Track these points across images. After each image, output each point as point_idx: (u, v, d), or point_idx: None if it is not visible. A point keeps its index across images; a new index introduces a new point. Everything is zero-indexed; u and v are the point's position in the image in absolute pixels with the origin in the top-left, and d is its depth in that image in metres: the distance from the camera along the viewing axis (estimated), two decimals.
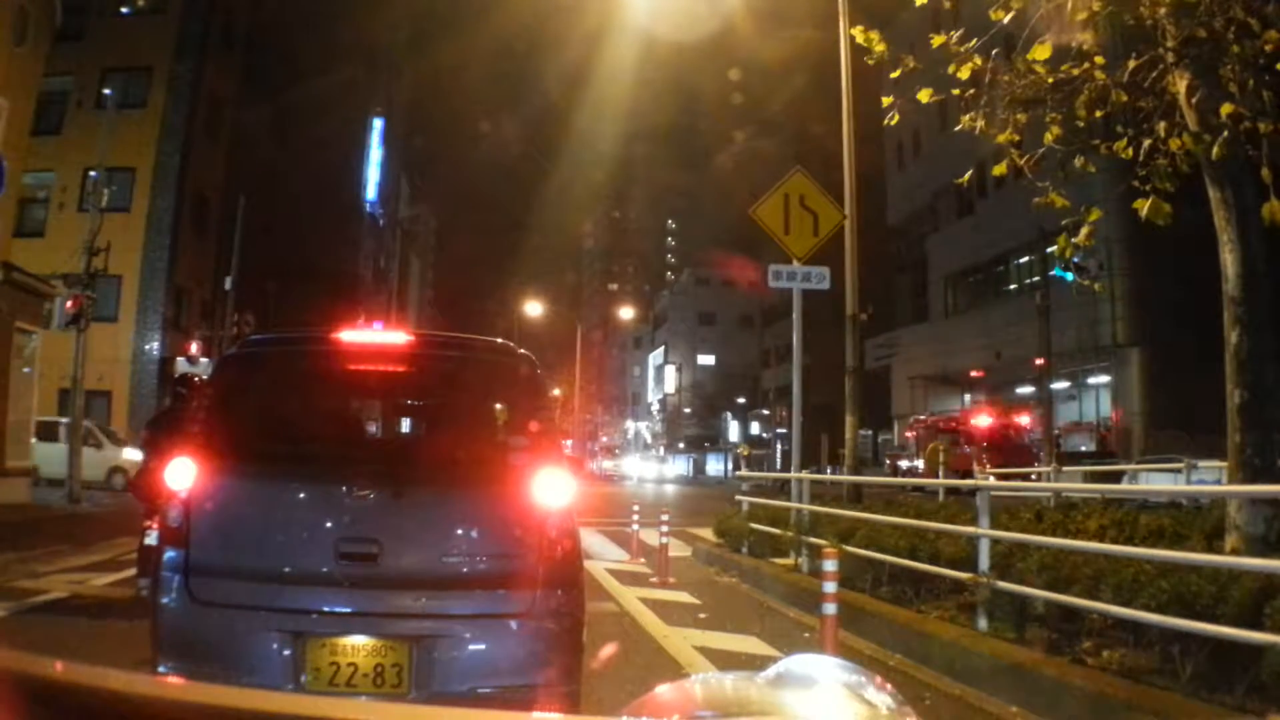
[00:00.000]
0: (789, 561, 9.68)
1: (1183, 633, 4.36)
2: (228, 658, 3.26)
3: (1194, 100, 5.76)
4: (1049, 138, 6.37)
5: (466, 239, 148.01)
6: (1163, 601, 4.49)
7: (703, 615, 7.79)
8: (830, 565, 5.74)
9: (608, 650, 5.96)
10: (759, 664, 1.93)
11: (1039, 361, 28.09)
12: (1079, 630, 5.23)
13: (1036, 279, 30.01)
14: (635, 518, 12.35)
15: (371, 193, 55.68)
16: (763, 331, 72.01)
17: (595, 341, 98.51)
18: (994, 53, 6.26)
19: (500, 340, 4.27)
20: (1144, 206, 5.74)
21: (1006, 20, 6.10)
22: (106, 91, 23.75)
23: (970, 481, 9.40)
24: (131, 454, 19.70)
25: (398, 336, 4.20)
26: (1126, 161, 6.20)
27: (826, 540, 7.77)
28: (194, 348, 27.22)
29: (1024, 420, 30.73)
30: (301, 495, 3.57)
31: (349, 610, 3.34)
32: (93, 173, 21.56)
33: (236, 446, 3.65)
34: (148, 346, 29.51)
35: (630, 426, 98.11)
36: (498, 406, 4.09)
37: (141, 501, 7.33)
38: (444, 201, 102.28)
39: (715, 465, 65.73)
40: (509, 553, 3.50)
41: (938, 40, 6.35)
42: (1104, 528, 6.38)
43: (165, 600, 3.40)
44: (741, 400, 71.18)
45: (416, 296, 78.11)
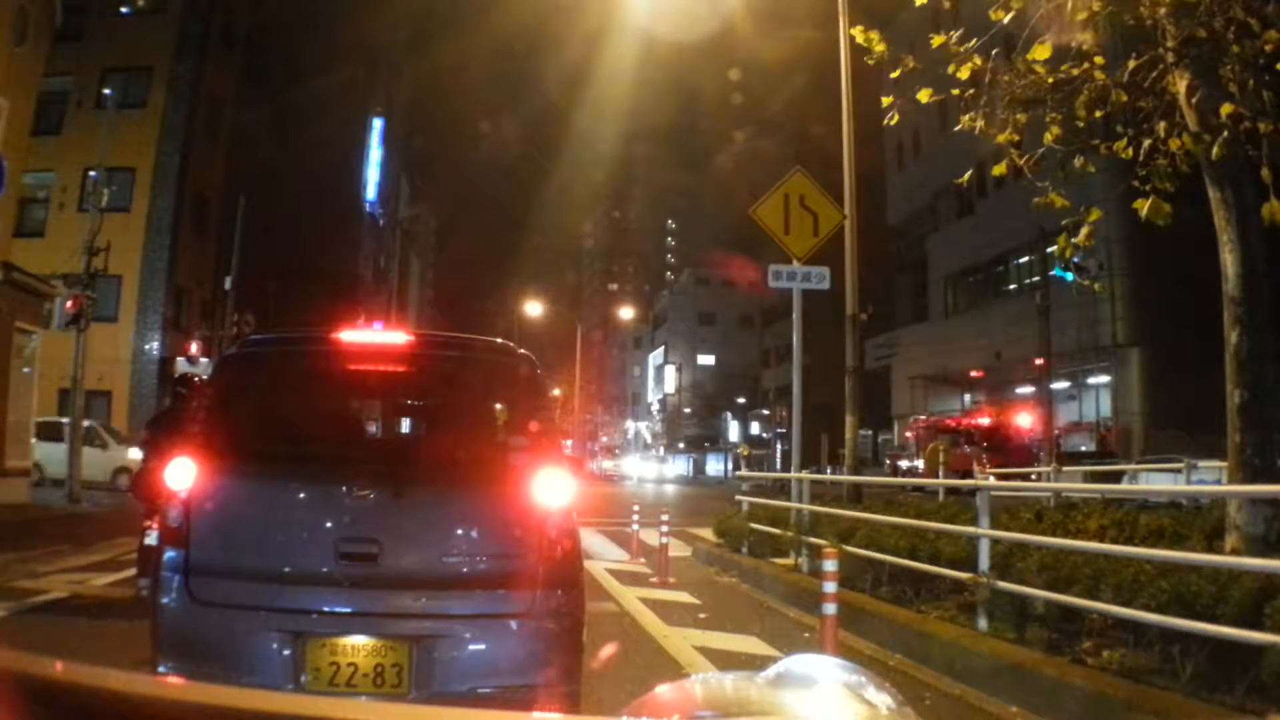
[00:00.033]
0: (789, 561, 9.68)
1: (1183, 633, 4.36)
2: (228, 658, 3.26)
3: (1194, 100, 5.76)
4: (1049, 138, 6.37)
5: (466, 239, 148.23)
6: (1163, 601, 4.49)
7: (703, 615, 7.79)
8: (830, 565, 5.74)
9: (608, 650, 5.96)
10: (759, 664, 1.93)
11: (1039, 361, 28.09)
12: (1079, 630, 5.23)
13: (1036, 279, 30.02)
14: (635, 518, 12.35)
15: (371, 193, 55.66)
16: (763, 331, 71.98)
17: (595, 341, 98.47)
18: (994, 53, 6.26)
19: (500, 340, 4.27)
20: (1144, 206, 5.74)
21: (1006, 20, 6.10)
22: (106, 91, 23.72)
23: (970, 481, 9.40)
24: (136, 454, 19.63)
25: (398, 336, 4.20)
26: (1126, 161, 6.20)
27: (826, 540, 7.77)
28: (194, 348, 27.18)
29: (1024, 420, 30.71)
30: (301, 495, 3.57)
31: (349, 610, 3.34)
32: (93, 173, 21.53)
33: (236, 446, 3.65)
34: (148, 346, 29.50)
35: (630, 426, 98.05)
36: (498, 406, 4.09)
37: (141, 501, 7.33)
38: (444, 201, 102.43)
39: (715, 465, 65.72)
40: (509, 553, 3.50)
41: (938, 40, 6.34)
42: (1104, 528, 6.38)
43: (165, 600, 3.40)
44: (741, 400, 71.14)
45: (416, 296, 78.09)
